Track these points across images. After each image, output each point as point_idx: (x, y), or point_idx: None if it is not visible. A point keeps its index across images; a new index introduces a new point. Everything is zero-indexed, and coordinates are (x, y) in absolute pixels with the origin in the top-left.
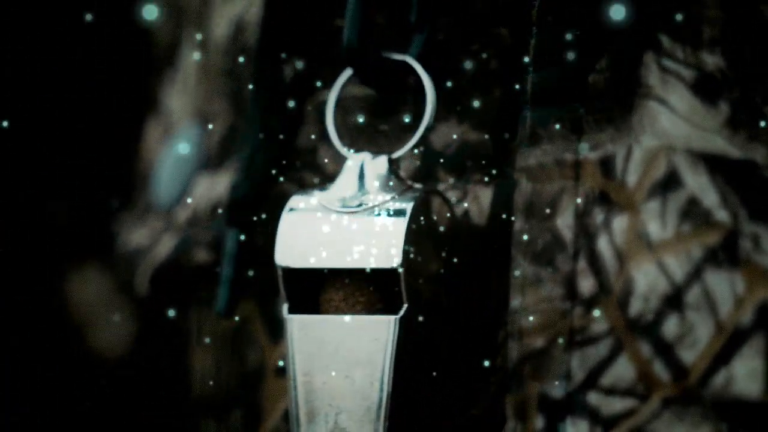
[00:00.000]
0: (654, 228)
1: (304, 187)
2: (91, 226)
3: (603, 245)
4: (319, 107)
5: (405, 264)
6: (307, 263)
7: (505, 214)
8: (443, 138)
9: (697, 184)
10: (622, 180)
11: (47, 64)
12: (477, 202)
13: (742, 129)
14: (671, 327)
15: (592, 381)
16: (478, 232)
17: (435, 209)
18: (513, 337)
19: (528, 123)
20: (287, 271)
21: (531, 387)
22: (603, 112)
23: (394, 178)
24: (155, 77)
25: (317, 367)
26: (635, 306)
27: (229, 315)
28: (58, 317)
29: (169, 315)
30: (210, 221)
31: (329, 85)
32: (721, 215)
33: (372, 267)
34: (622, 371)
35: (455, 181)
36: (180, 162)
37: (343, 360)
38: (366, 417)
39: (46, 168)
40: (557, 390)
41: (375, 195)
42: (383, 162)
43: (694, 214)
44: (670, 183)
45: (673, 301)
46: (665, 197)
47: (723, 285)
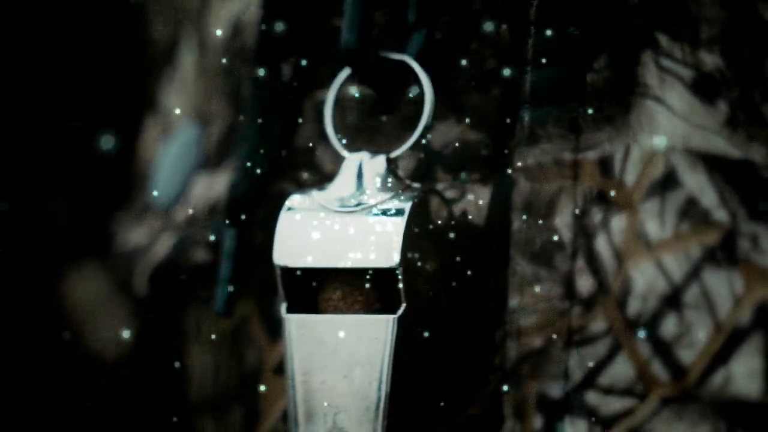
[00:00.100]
0: (652, 227)
1: (302, 187)
2: (90, 225)
3: (601, 245)
4: (318, 107)
5: (403, 263)
6: (306, 263)
7: (504, 213)
8: (442, 137)
9: (696, 183)
10: (620, 179)
11: (47, 64)
12: (475, 201)
13: (740, 128)
14: (670, 326)
15: (590, 380)
16: (476, 231)
17: (433, 209)
18: (511, 337)
19: (526, 122)
20: (286, 271)
21: (529, 386)
22: (601, 111)
23: (392, 177)
24: (154, 77)
25: (316, 367)
26: (634, 305)
27: (228, 314)
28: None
29: (168, 314)
30: (208, 220)
31: (328, 85)
32: (720, 215)
33: (370, 266)
34: (620, 371)
35: (453, 181)
36: (178, 161)
37: (342, 359)
38: (365, 416)
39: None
40: (556, 389)
41: (373, 194)
42: (382, 161)
43: (692, 213)
44: (668, 182)
45: (672, 301)
46: (664, 197)
47: (721, 285)
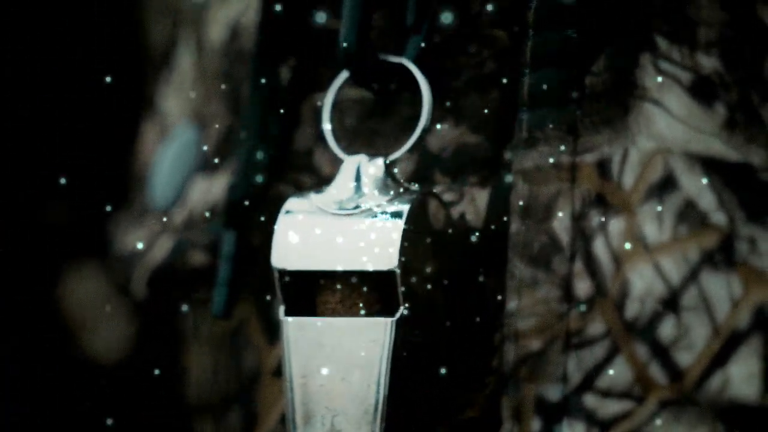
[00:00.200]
0: (650, 230)
1: (300, 189)
2: (89, 227)
3: (599, 247)
4: (316, 109)
5: (401, 266)
6: (304, 265)
7: (502, 216)
8: (440, 140)
9: (694, 186)
10: (618, 182)
11: (46, 64)
12: (473, 204)
13: (739, 131)
14: (668, 329)
15: (588, 383)
16: (474, 234)
17: (431, 211)
18: (509, 339)
19: (524, 125)
20: (284, 273)
21: (527, 389)
22: (599, 114)
23: (390, 180)
24: (152, 79)
25: (314, 369)
26: (632, 308)
27: (226, 317)
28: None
29: (166, 317)
30: (207, 223)
31: (326, 87)
32: (718, 218)
33: (369, 269)
34: (618, 373)
35: (452, 183)
36: (177, 164)
37: (340, 362)
38: (363, 419)
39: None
40: (554, 392)
41: (371, 197)
42: (380, 164)
43: (690, 216)
44: (666, 185)
45: (670, 304)
46: (662, 199)
47: (719, 287)
